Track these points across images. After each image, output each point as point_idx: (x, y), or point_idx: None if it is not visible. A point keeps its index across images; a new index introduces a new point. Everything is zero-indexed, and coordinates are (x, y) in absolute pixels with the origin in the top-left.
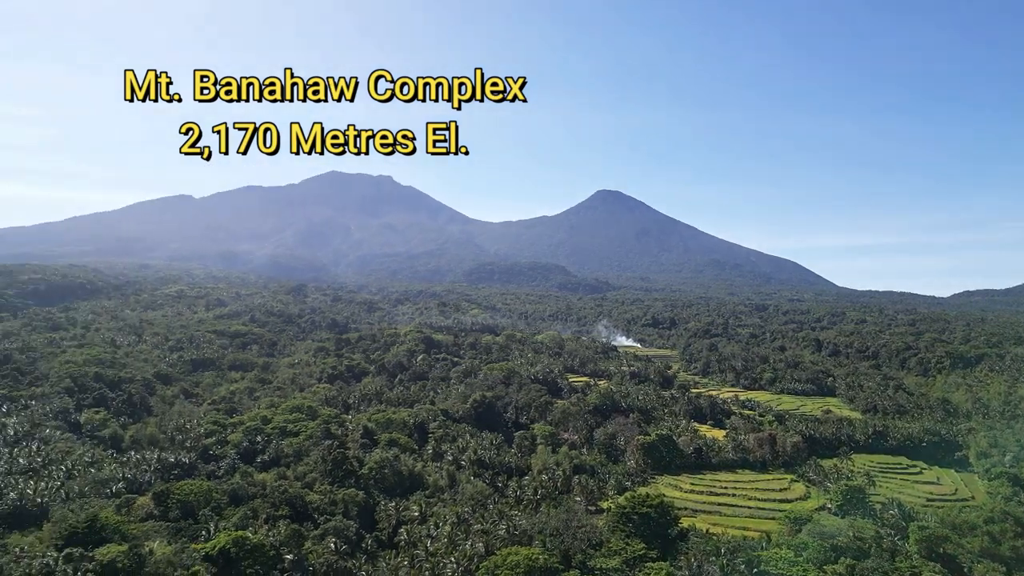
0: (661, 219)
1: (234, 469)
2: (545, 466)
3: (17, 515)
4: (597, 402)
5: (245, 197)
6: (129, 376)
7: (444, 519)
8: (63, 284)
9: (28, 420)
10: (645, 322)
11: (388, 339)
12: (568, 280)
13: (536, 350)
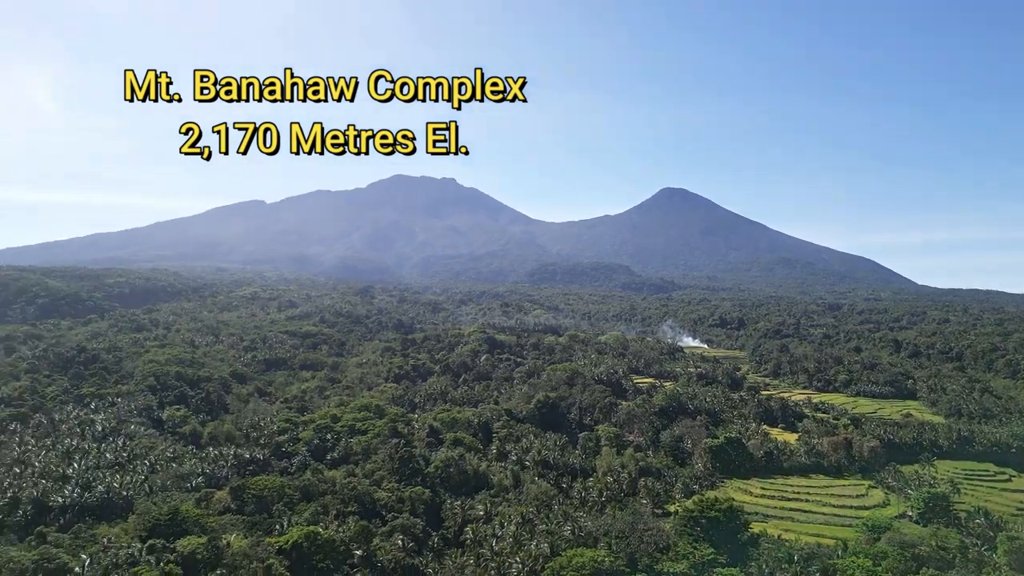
0: (728, 217)
1: (305, 466)
2: (610, 468)
3: (105, 507)
4: (663, 404)
5: (314, 202)
6: (207, 375)
7: (509, 519)
8: (146, 287)
9: (115, 417)
10: (712, 322)
11: (452, 339)
12: (632, 280)
13: (600, 351)
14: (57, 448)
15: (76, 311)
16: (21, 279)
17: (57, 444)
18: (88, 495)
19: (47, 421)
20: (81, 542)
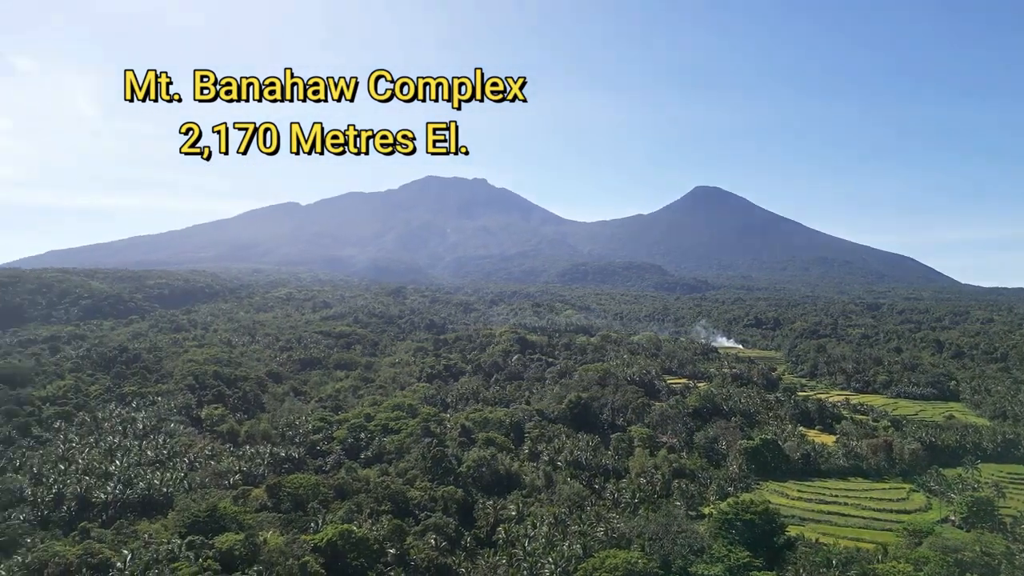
0: (763, 215)
1: (340, 464)
2: (643, 469)
3: (146, 503)
4: (697, 404)
5: (347, 203)
6: (244, 374)
7: (541, 519)
8: (185, 288)
9: (155, 415)
10: (747, 322)
11: (484, 339)
12: (664, 280)
13: (632, 351)
14: (100, 445)
15: (118, 312)
16: (66, 281)
17: (100, 442)
18: (130, 491)
19: (90, 419)
20: (123, 538)
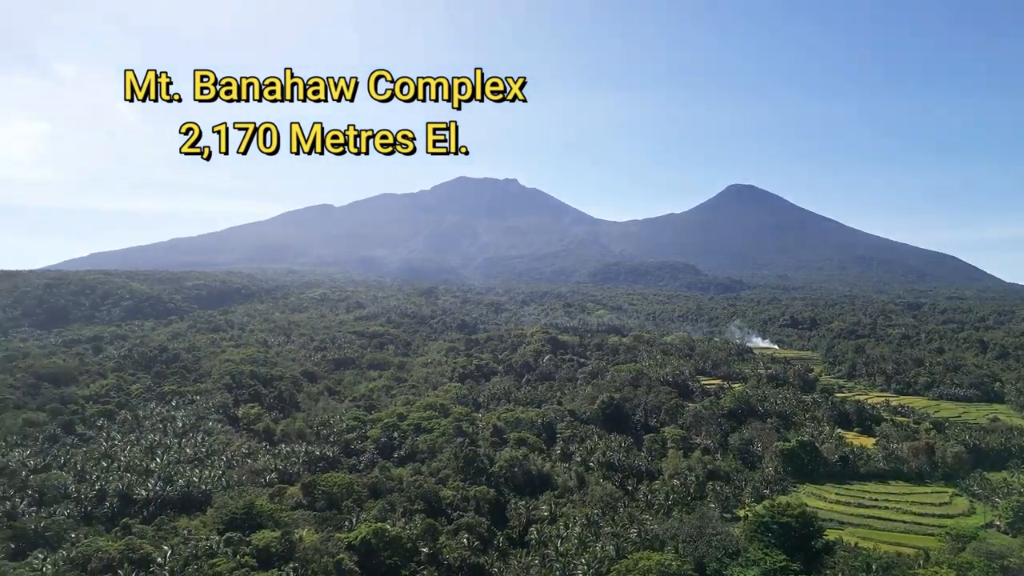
0: (800, 213)
1: (373, 463)
2: (677, 470)
3: (185, 500)
4: (731, 406)
5: (380, 205)
6: (279, 374)
7: (574, 520)
8: (222, 289)
9: (194, 414)
10: (783, 322)
11: (515, 339)
12: (698, 279)
13: (665, 351)
14: (141, 443)
15: (158, 312)
16: (108, 282)
17: (141, 439)
18: (169, 488)
19: (132, 417)
20: (163, 534)
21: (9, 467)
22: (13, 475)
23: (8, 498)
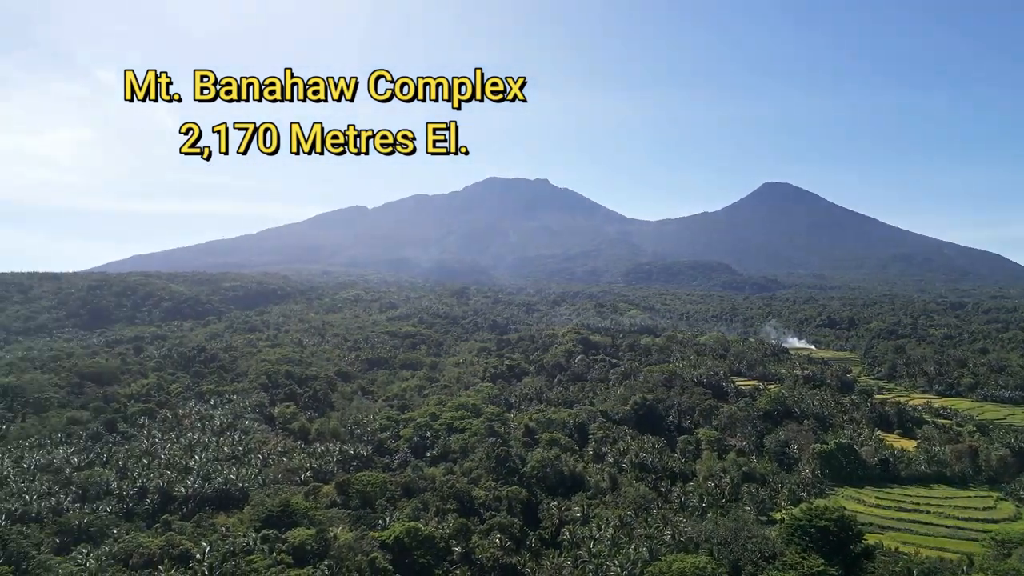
0: (837, 211)
1: (406, 463)
2: (711, 472)
3: (223, 497)
4: (767, 407)
5: (412, 206)
6: (314, 374)
7: (607, 521)
8: (258, 290)
9: (231, 412)
10: (820, 322)
11: (546, 340)
12: (732, 279)
13: (699, 352)
14: (180, 441)
15: (196, 313)
16: (148, 284)
17: (180, 438)
18: (208, 486)
19: (172, 416)
20: (202, 530)
21: (54, 464)
22: (58, 472)
23: (53, 494)
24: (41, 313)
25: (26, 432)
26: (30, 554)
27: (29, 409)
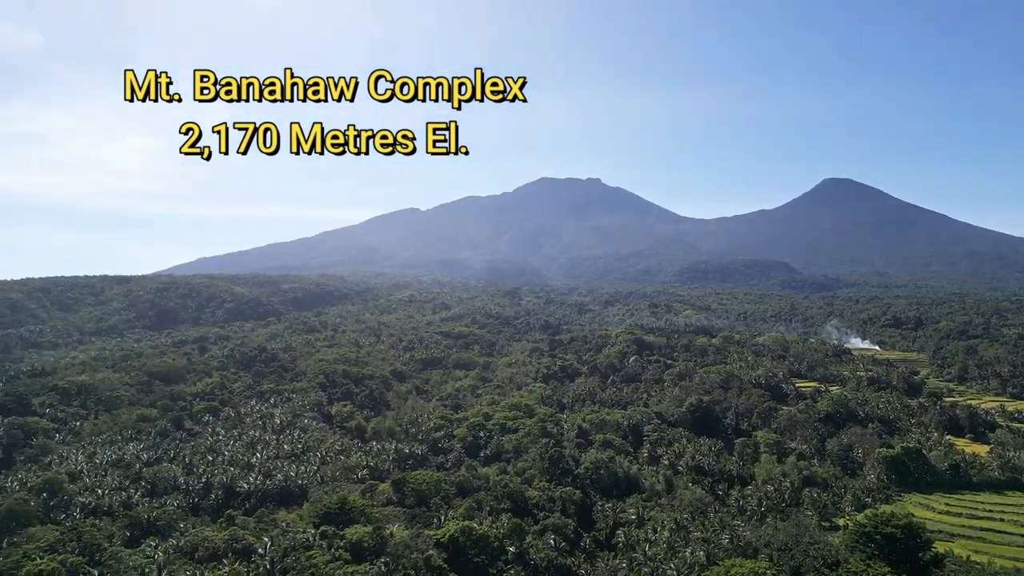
0: (902, 207)
1: (460, 462)
2: (770, 476)
3: (283, 494)
4: (829, 409)
5: (464, 207)
6: (370, 373)
7: (662, 524)
8: (316, 291)
9: (291, 411)
10: (884, 322)
11: (599, 340)
12: (791, 278)
13: (757, 353)
14: (243, 439)
15: (257, 314)
16: (212, 286)
17: (243, 435)
18: (269, 482)
19: (234, 414)
20: (264, 525)
21: (125, 460)
22: (128, 467)
23: (124, 488)
24: (112, 315)
25: (99, 429)
26: (103, 546)
27: (101, 407)
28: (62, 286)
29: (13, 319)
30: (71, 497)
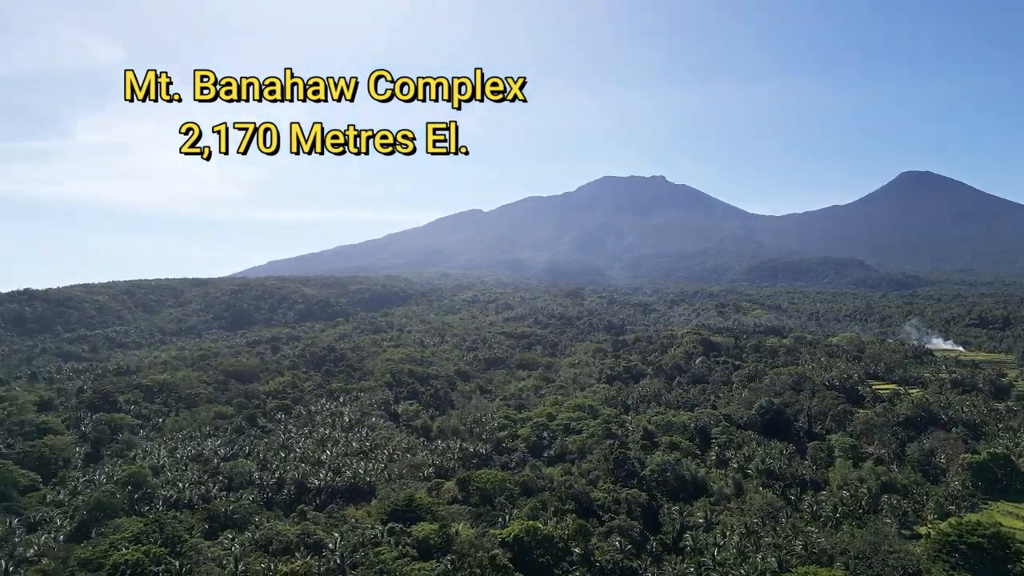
0: (987, 201)
1: (524, 462)
2: (846, 481)
3: (352, 490)
4: (909, 413)
5: (526, 208)
6: (435, 373)
7: (731, 528)
8: (382, 292)
9: (359, 409)
10: (968, 321)
11: (664, 341)
12: (867, 276)
13: (830, 353)
14: (313, 436)
15: (326, 315)
16: (283, 287)
17: (313, 433)
18: (338, 479)
19: (305, 412)
20: (333, 521)
21: (203, 455)
22: (207, 462)
23: (203, 483)
24: (191, 316)
25: (179, 425)
26: (183, 537)
27: (181, 404)
28: (145, 288)
29: (100, 320)
30: (154, 490)
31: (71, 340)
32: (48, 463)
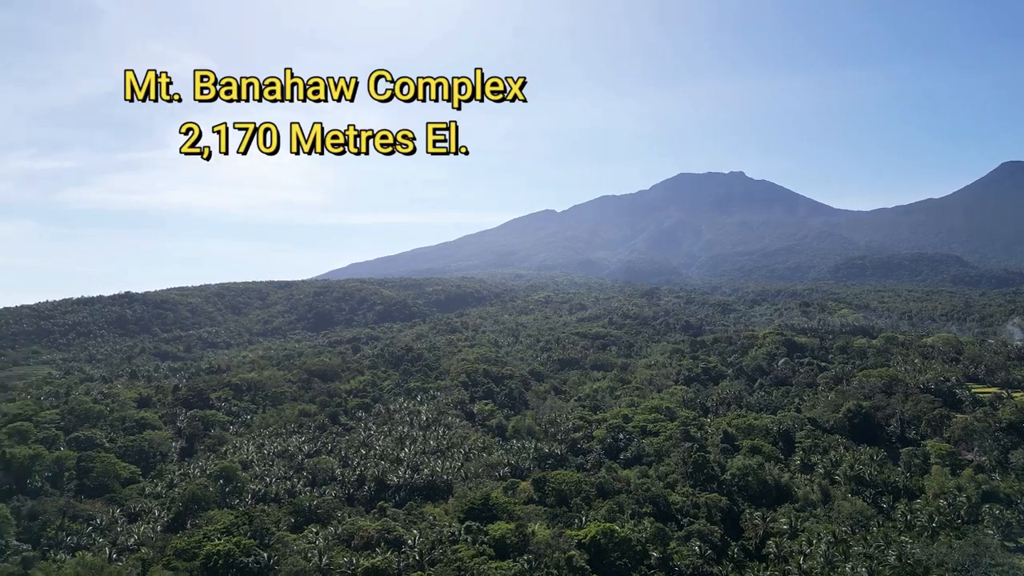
0: None
1: (600, 464)
2: (943, 490)
3: (430, 488)
4: (1012, 418)
5: (599, 208)
6: (509, 373)
7: (818, 536)
8: (457, 293)
9: (435, 408)
10: None
11: (745, 341)
12: (965, 273)
13: (924, 355)
14: (392, 434)
15: (404, 315)
16: (363, 289)
17: (392, 431)
18: (416, 476)
19: (384, 410)
20: (412, 518)
21: (288, 451)
22: (292, 458)
23: (288, 478)
24: (276, 317)
25: (266, 422)
26: (271, 530)
27: (268, 402)
28: (234, 291)
29: (194, 321)
30: (243, 484)
31: (167, 340)
32: (147, 456)
